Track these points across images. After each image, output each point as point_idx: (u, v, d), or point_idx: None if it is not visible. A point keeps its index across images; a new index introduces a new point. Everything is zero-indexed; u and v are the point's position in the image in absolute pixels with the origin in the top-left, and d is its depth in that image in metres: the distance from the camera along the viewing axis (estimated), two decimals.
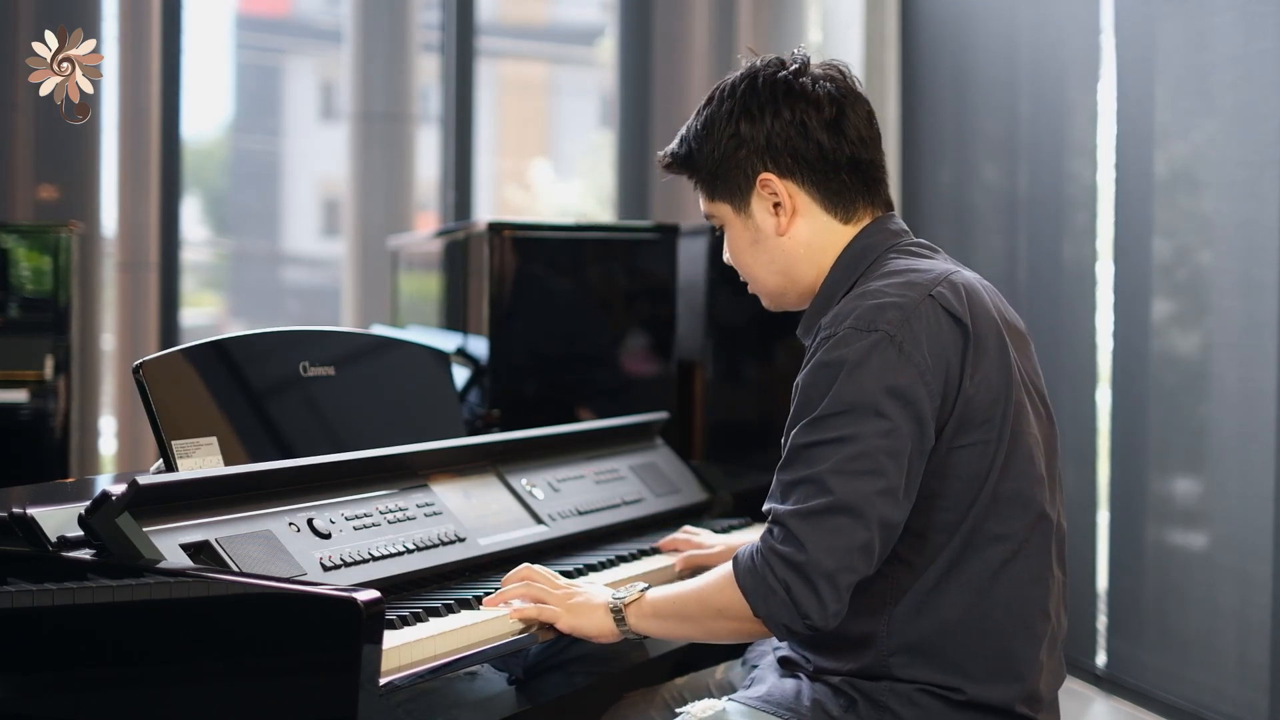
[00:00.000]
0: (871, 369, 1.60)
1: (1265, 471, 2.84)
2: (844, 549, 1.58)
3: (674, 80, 4.95)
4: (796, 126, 1.73)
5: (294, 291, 10.28)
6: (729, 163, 1.77)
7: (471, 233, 2.84)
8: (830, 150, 1.74)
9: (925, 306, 1.64)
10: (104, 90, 4.20)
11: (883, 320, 1.62)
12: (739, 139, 1.75)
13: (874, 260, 1.75)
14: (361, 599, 1.47)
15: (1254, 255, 2.87)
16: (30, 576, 1.64)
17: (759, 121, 1.74)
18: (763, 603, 1.63)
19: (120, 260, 4.29)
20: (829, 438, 1.61)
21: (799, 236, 1.77)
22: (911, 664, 1.66)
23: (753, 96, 1.75)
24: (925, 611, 1.66)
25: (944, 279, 1.69)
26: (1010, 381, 1.67)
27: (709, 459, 2.91)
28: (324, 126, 10.18)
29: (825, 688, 1.71)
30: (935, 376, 1.61)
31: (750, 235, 1.79)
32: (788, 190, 1.75)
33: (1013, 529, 1.66)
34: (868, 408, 1.59)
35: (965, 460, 1.64)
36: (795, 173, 1.75)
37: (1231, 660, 2.94)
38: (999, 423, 1.65)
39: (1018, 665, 1.68)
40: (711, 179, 1.79)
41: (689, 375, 2.98)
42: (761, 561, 1.63)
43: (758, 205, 1.77)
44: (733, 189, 1.78)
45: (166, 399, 1.90)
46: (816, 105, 1.74)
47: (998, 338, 1.69)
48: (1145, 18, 3.23)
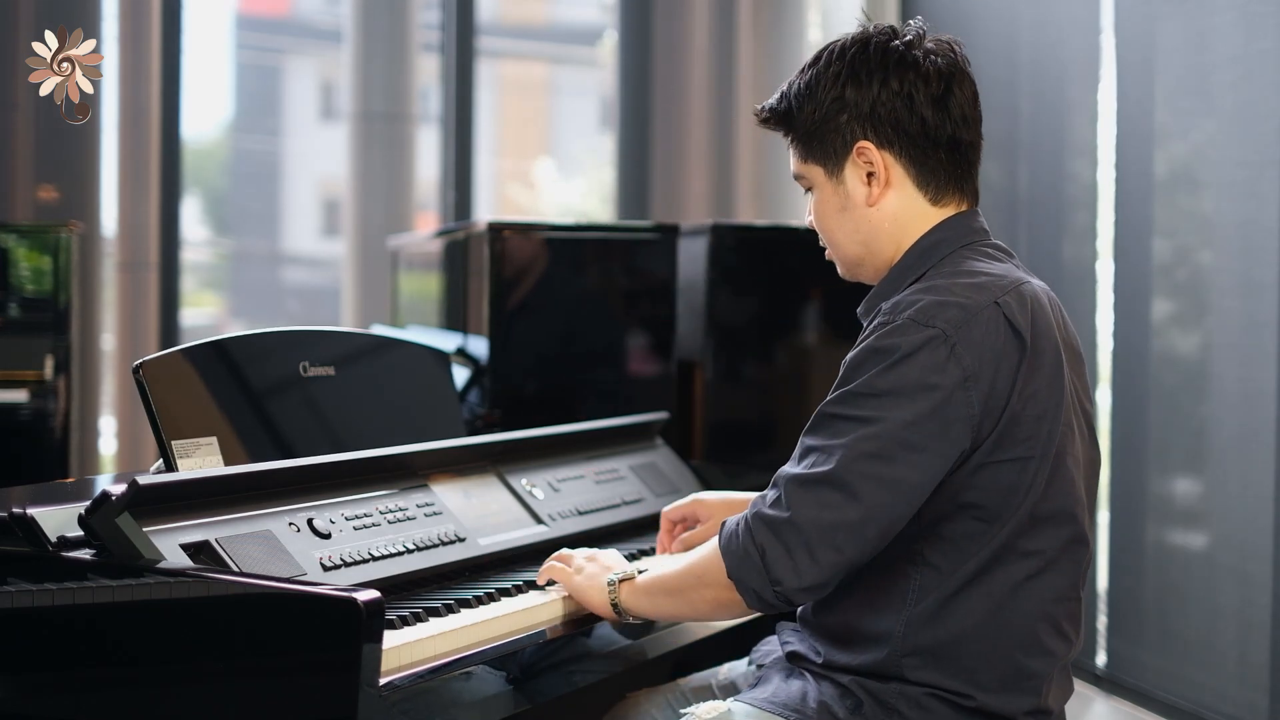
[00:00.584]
0: (916, 363, 1.58)
1: (1265, 471, 2.83)
2: (830, 523, 1.58)
3: (674, 80, 4.95)
4: (904, 98, 1.70)
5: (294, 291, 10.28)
6: (829, 125, 1.73)
7: (471, 233, 2.84)
8: (933, 126, 1.71)
9: (988, 313, 1.62)
10: (104, 90, 4.20)
11: (942, 318, 1.60)
12: (842, 102, 1.72)
13: (948, 254, 1.72)
14: (361, 599, 1.47)
15: (1254, 255, 2.87)
16: (30, 576, 1.64)
17: (866, 88, 1.71)
18: (737, 565, 1.63)
19: (120, 260, 4.29)
20: (854, 414, 1.60)
21: (887, 209, 1.74)
22: (923, 667, 1.65)
23: (862, 62, 1.72)
24: (943, 616, 1.64)
25: (1013, 288, 1.66)
26: (1061, 402, 1.65)
27: (709, 459, 2.91)
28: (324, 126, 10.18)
29: (832, 688, 1.70)
30: (980, 384, 1.59)
31: (839, 201, 1.76)
32: (884, 161, 1.72)
33: (1044, 546, 1.65)
34: (900, 397, 1.58)
35: (1005, 474, 1.62)
36: (894, 145, 1.72)
37: (1231, 660, 2.94)
38: (1043, 441, 1.62)
39: (1029, 680, 1.66)
40: (808, 139, 1.76)
41: (689, 375, 2.98)
42: (745, 525, 1.64)
43: (851, 172, 1.74)
44: (828, 152, 1.74)
45: (166, 399, 1.90)
46: (926, 79, 1.71)
47: (1055, 355, 1.66)
48: (1145, 18, 3.23)
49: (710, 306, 2.94)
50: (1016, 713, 1.66)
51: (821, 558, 1.59)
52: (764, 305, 3.01)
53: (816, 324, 3.05)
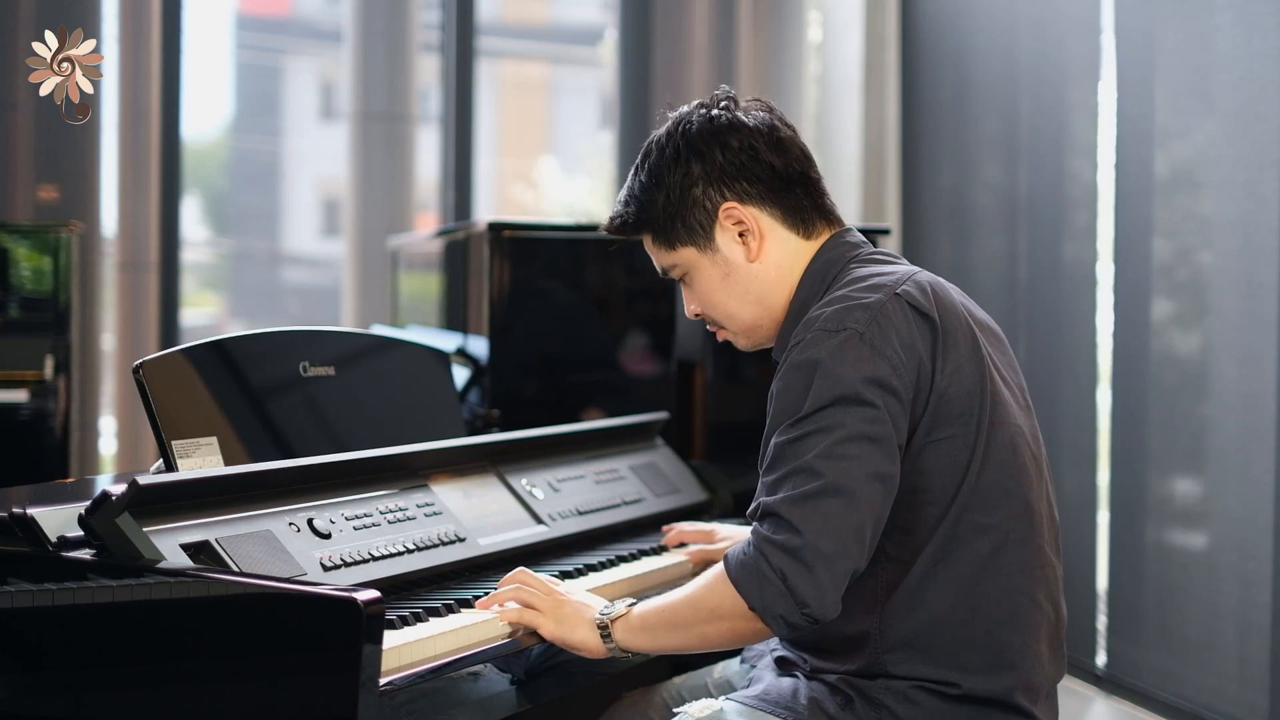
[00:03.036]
0: (846, 362, 1.61)
1: (1265, 471, 2.83)
2: (839, 530, 1.58)
3: (674, 80, 4.95)
4: (746, 152, 1.77)
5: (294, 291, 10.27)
6: (686, 203, 1.78)
7: (471, 233, 2.84)
8: (782, 169, 1.78)
9: (891, 305, 1.66)
10: (104, 90, 4.20)
11: (850, 320, 1.63)
12: (692, 177, 1.77)
13: (838, 272, 1.76)
14: (361, 599, 1.47)
15: (1254, 255, 2.87)
16: (30, 576, 1.64)
17: (709, 156, 1.76)
18: (758, 595, 1.59)
19: (120, 260, 4.29)
20: (812, 429, 1.61)
21: (770, 259, 1.79)
22: (906, 659, 1.67)
23: (695, 136, 1.78)
24: (916, 606, 1.66)
25: (908, 278, 1.71)
26: (983, 373, 1.68)
27: (709, 459, 2.91)
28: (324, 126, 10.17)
29: (822, 686, 1.71)
30: (908, 370, 1.63)
31: (720, 271, 1.80)
32: (751, 214, 1.77)
33: (997, 520, 1.67)
34: (849, 398, 1.60)
35: (944, 453, 1.65)
36: (754, 197, 1.77)
37: (1231, 660, 2.94)
38: (976, 414, 1.66)
39: (1011, 655, 1.68)
40: (670, 226, 1.80)
41: (689, 375, 2.98)
42: (755, 552, 1.61)
43: (722, 238, 1.78)
44: (694, 228, 1.78)
45: (166, 399, 1.90)
46: (757, 132, 1.78)
47: (967, 330, 1.70)
48: (1145, 18, 3.23)
49: None
50: (1004, 693, 1.67)
51: (839, 568, 1.59)
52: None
53: None
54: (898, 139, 4.46)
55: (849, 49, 4.52)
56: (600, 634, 1.74)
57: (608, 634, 1.73)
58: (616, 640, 1.73)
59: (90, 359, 4.15)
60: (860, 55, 4.46)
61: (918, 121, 4.35)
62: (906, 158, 4.43)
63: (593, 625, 1.74)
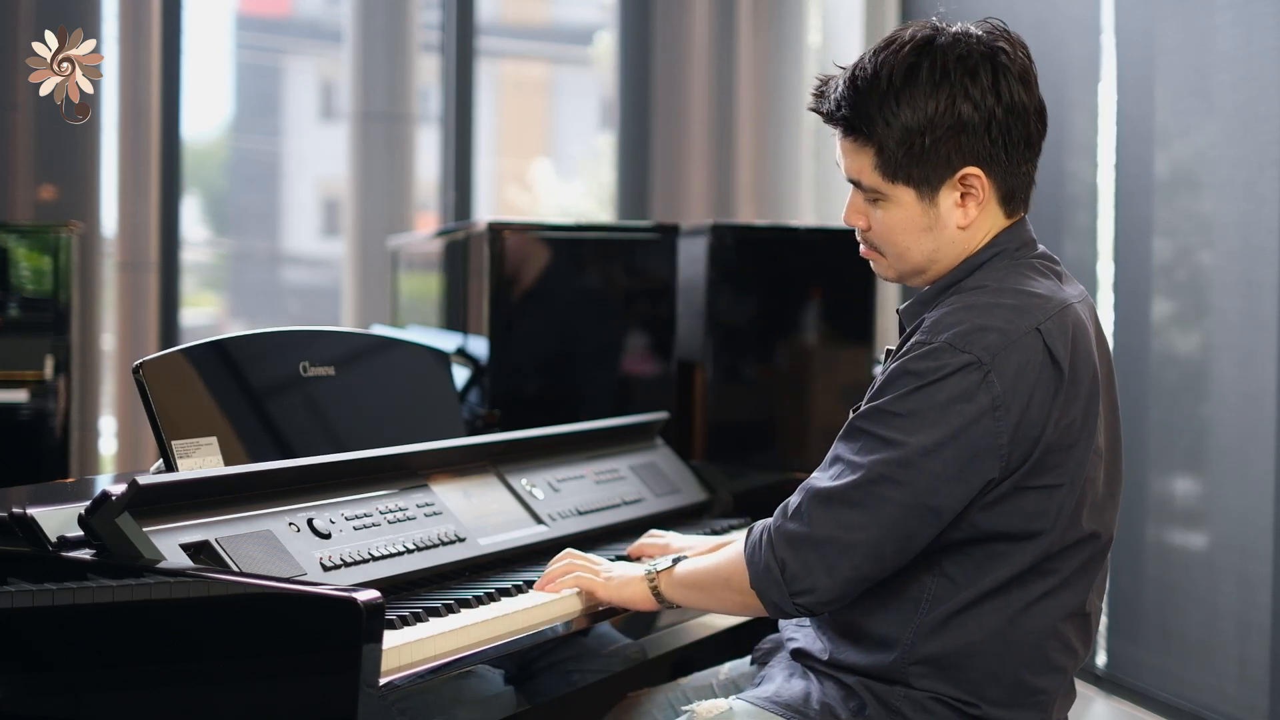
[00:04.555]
0: (945, 388, 1.55)
1: (1265, 471, 2.83)
2: (848, 543, 1.59)
3: (674, 80, 4.95)
4: (1017, 113, 1.60)
5: (294, 291, 10.27)
6: (936, 150, 1.59)
7: (471, 233, 2.84)
8: (1036, 136, 1.64)
9: (1028, 340, 1.57)
10: (104, 90, 4.20)
11: (980, 344, 1.56)
12: (959, 125, 1.58)
13: (999, 267, 1.66)
14: (362, 599, 1.47)
15: (1254, 255, 2.87)
16: (30, 576, 1.64)
17: (980, 107, 1.58)
18: (759, 576, 1.66)
19: (120, 260, 4.29)
20: (880, 434, 1.59)
21: (976, 229, 1.66)
22: (929, 676, 1.64)
23: (973, 76, 1.58)
24: (954, 629, 1.63)
25: (1056, 314, 1.61)
26: (1094, 430, 1.63)
27: (709, 459, 2.90)
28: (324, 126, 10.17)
29: (836, 689, 1.69)
30: (1011, 412, 1.55)
31: (926, 222, 1.65)
32: (987, 186, 1.63)
33: (1061, 568, 1.64)
34: (924, 421, 1.56)
35: (1033, 502, 1.60)
36: (999, 165, 1.62)
37: (1231, 660, 2.94)
38: (1072, 470, 1.60)
39: (1035, 696, 1.66)
40: (904, 160, 1.61)
41: (689, 375, 2.98)
42: (766, 536, 1.66)
43: (946, 195, 1.63)
44: (924, 174, 1.61)
45: (166, 399, 1.90)
46: (1024, 82, 1.61)
47: (1092, 383, 1.63)
48: (1145, 18, 3.23)
49: (710, 306, 2.93)
50: None
51: (839, 574, 1.60)
52: (764, 305, 3.01)
53: (816, 324, 3.05)
54: None
55: (849, 49, 4.51)
56: (650, 586, 1.84)
57: (655, 588, 1.83)
58: (663, 592, 1.83)
59: (90, 359, 4.15)
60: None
61: None
62: None
63: (642, 580, 1.85)
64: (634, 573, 1.87)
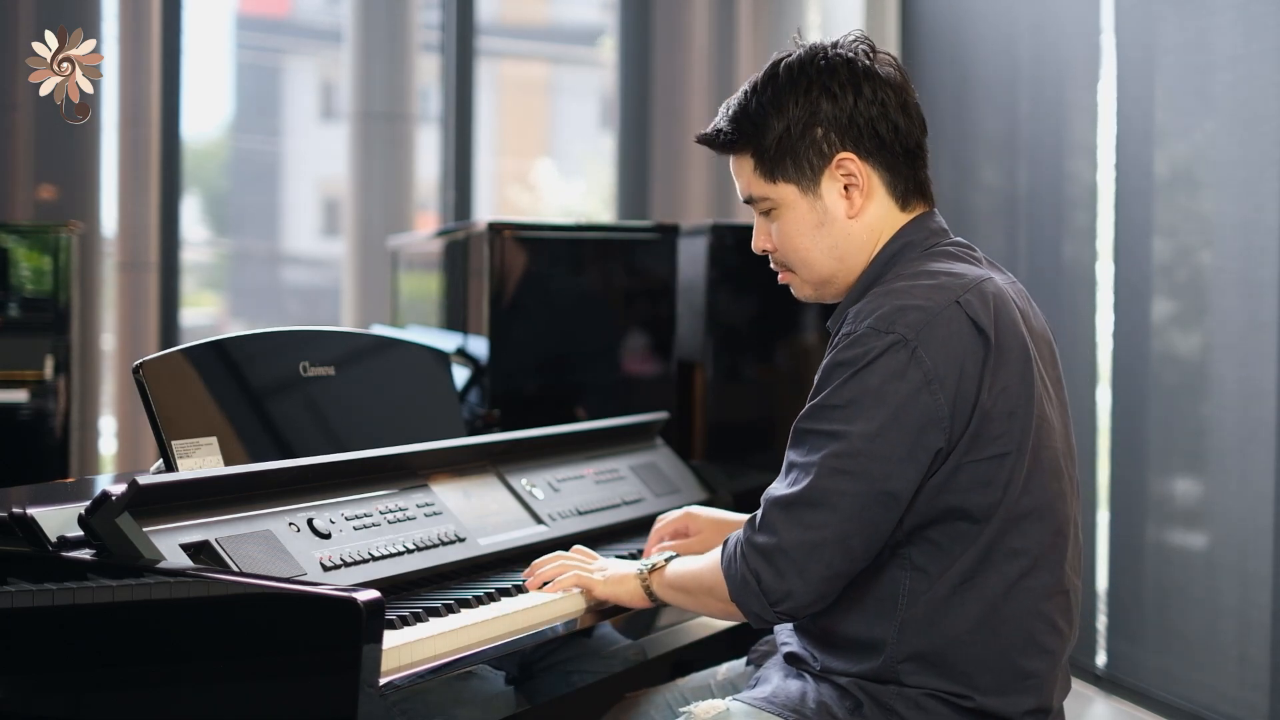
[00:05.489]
0: (878, 370, 1.60)
1: (1265, 471, 2.84)
2: (815, 542, 1.61)
3: (674, 80, 4.95)
4: (878, 105, 1.70)
5: (294, 291, 10.27)
6: (804, 141, 1.71)
7: (471, 233, 2.84)
8: (904, 132, 1.73)
9: (950, 313, 1.62)
10: (104, 90, 4.20)
11: (902, 323, 1.61)
12: (819, 116, 1.70)
13: (914, 257, 1.73)
14: (361, 599, 1.47)
15: (1254, 255, 2.87)
16: (30, 576, 1.64)
17: (841, 99, 1.70)
18: (737, 590, 1.68)
19: (120, 260, 4.29)
20: (823, 429, 1.63)
21: (867, 219, 1.74)
22: (920, 671, 1.65)
23: (830, 74, 1.71)
24: (937, 622, 1.64)
25: (974, 286, 1.66)
26: (1031, 395, 1.65)
27: (709, 459, 2.91)
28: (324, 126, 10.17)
29: (831, 689, 1.70)
30: (946, 385, 1.60)
31: (815, 218, 1.74)
32: (865, 171, 1.72)
33: (1030, 544, 1.65)
34: (863, 407, 1.60)
35: (983, 473, 1.62)
36: (873, 154, 1.72)
37: (1231, 660, 2.94)
38: (1017, 436, 1.63)
39: (1027, 680, 1.67)
40: (779, 157, 1.73)
41: (689, 375, 2.98)
42: (737, 550, 1.69)
43: (828, 186, 1.73)
44: (803, 169, 1.72)
45: (166, 399, 1.90)
46: (892, 86, 1.72)
47: (1022, 350, 1.66)
48: (1145, 18, 3.23)
49: (710, 306, 2.94)
50: (1017, 712, 1.66)
51: (813, 575, 1.63)
52: (764, 305, 3.01)
53: (816, 324, 3.05)
54: None
55: None
56: (642, 585, 1.87)
57: (648, 586, 1.86)
58: (655, 591, 1.86)
59: (90, 359, 4.15)
60: None
61: None
62: None
63: (636, 578, 1.88)
64: (628, 570, 1.90)
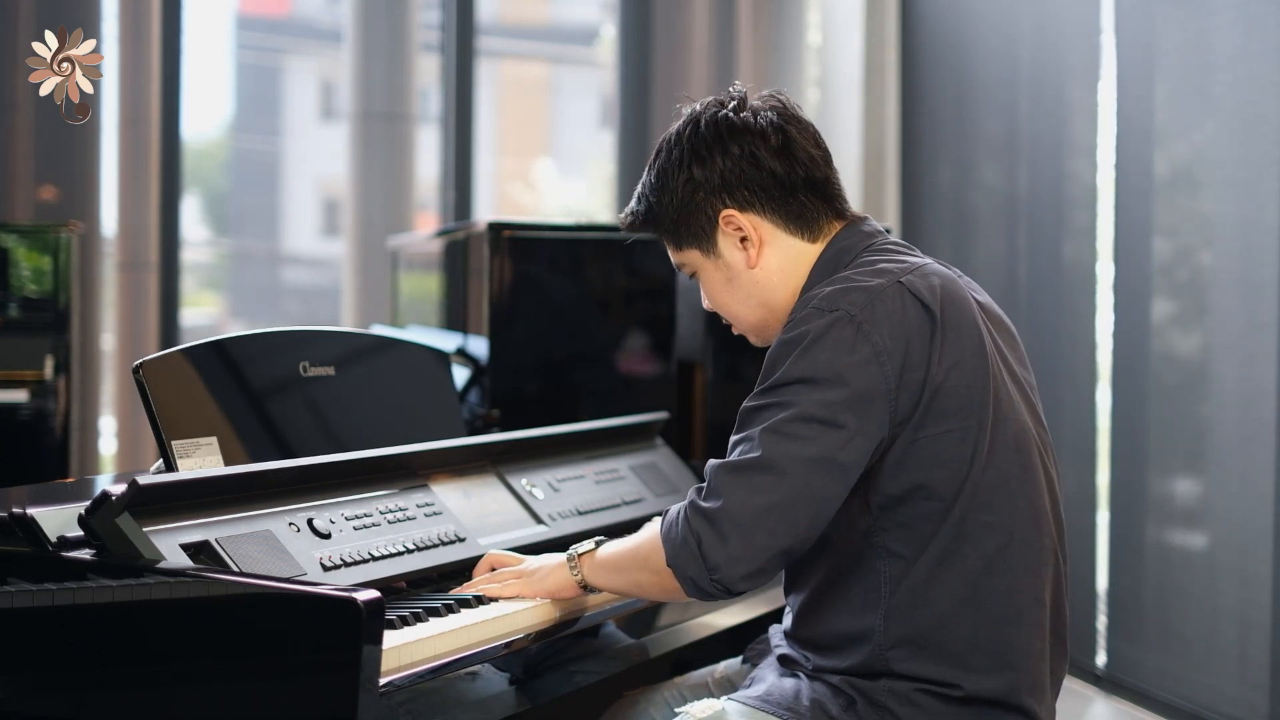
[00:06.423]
0: (825, 344, 1.62)
1: (1265, 471, 2.84)
2: (762, 506, 1.61)
3: (674, 80, 4.95)
4: (747, 159, 1.77)
5: (294, 291, 10.27)
6: (689, 208, 1.79)
7: (471, 233, 2.84)
8: (784, 175, 1.77)
9: (892, 291, 1.66)
10: (104, 90, 4.21)
11: (845, 301, 1.65)
12: (694, 183, 1.78)
13: (851, 260, 1.77)
14: (361, 599, 1.47)
15: (1254, 255, 2.87)
16: (30, 576, 1.64)
17: (709, 162, 1.77)
18: (674, 553, 1.66)
19: (120, 260, 4.29)
20: (772, 402, 1.64)
21: (770, 265, 1.79)
22: (910, 657, 1.66)
23: (699, 140, 1.79)
24: (920, 604, 1.66)
25: (916, 269, 1.71)
26: (987, 369, 1.68)
27: (709, 459, 2.90)
28: (324, 126, 10.17)
29: (825, 687, 1.71)
30: (893, 359, 1.62)
31: (724, 275, 1.82)
32: (751, 223, 1.78)
33: (1002, 518, 1.67)
34: (813, 379, 1.62)
35: (944, 449, 1.64)
36: (754, 204, 1.78)
37: (1231, 660, 2.94)
38: (977, 410, 1.65)
39: (1013, 655, 1.68)
40: (675, 228, 1.82)
41: (689, 375, 2.98)
42: (680, 514, 1.68)
43: (724, 243, 1.80)
44: (697, 233, 1.80)
45: (166, 399, 1.90)
46: (762, 135, 1.77)
47: (973, 325, 1.69)
48: (1145, 17, 3.23)
49: None
50: (1005, 693, 1.67)
51: (756, 542, 1.61)
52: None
53: None
54: (898, 139, 4.46)
55: (849, 49, 4.52)
56: (571, 572, 1.83)
57: (577, 569, 1.83)
58: (586, 576, 1.83)
59: (90, 359, 4.16)
60: (860, 55, 4.46)
61: (917, 122, 4.35)
62: (906, 158, 4.43)
63: (563, 566, 1.84)
64: (555, 561, 1.87)
